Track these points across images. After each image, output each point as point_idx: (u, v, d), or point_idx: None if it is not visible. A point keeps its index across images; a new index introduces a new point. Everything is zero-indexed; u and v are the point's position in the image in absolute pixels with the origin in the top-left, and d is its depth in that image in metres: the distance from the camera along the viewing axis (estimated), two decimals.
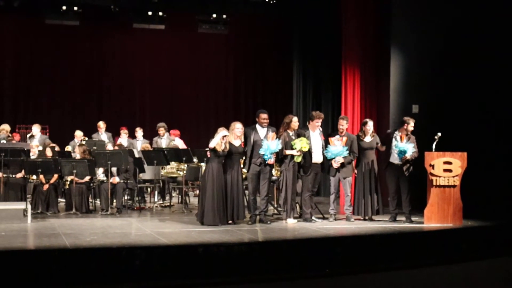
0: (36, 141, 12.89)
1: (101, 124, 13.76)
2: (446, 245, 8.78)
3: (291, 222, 9.53)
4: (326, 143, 9.99)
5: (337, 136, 9.99)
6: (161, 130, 13.25)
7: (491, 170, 11.46)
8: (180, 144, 13.41)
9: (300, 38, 15.31)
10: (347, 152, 9.96)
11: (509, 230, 9.44)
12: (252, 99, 17.85)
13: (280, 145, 9.43)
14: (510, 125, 11.82)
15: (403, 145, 9.71)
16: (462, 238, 9.01)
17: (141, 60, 17.29)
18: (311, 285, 7.41)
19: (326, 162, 9.99)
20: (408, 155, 9.72)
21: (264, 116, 9.69)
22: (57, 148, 12.74)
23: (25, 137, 13.99)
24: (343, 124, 10.15)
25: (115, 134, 14.21)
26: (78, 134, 13.49)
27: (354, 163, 10.23)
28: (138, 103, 17.54)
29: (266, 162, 9.47)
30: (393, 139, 9.87)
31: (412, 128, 9.90)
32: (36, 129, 13.38)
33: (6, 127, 12.84)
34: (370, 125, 10.17)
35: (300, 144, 9.41)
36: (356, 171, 10.19)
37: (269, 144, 9.36)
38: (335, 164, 9.94)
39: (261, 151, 9.40)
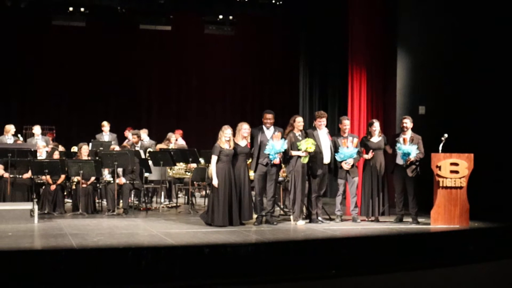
0: (39, 141, 12.90)
1: (105, 124, 13.75)
2: (453, 247, 8.75)
3: (300, 223, 9.52)
4: (335, 145, 9.96)
5: (350, 138, 9.98)
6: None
7: (498, 171, 11.42)
8: (183, 144, 13.49)
9: (306, 39, 15.32)
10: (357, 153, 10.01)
11: None
12: (259, 100, 17.88)
13: (285, 145, 9.41)
14: None
15: (407, 147, 9.71)
16: (468, 240, 8.97)
17: (148, 61, 17.35)
18: (317, 286, 7.40)
19: (334, 164, 9.98)
20: (412, 157, 9.71)
21: (268, 116, 9.65)
22: (61, 149, 12.80)
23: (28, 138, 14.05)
24: (347, 124, 10.16)
25: (121, 135, 14.24)
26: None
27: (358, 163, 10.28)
28: (144, 104, 17.60)
29: (272, 162, 9.45)
30: (397, 142, 9.86)
31: (410, 125, 9.92)
32: (37, 129, 13.42)
33: (11, 128, 12.90)
34: (376, 125, 10.17)
35: (306, 144, 9.38)
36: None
37: (274, 144, 9.34)
38: (346, 166, 9.92)
39: (266, 151, 9.39)
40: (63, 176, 10.95)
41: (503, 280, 7.89)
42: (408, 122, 9.96)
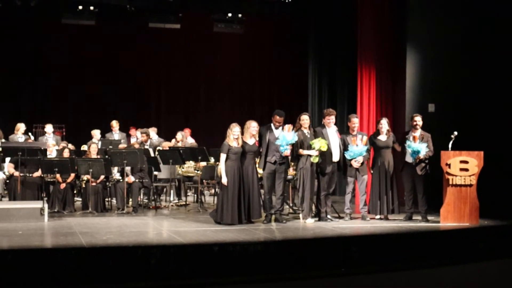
0: (51, 140, 12.98)
1: (114, 123, 13.80)
2: (463, 245, 8.73)
3: (309, 222, 9.51)
4: (344, 143, 9.94)
5: (360, 136, 9.96)
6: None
7: (508, 169, 11.38)
8: (192, 142, 13.54)
9: (315, 37, 15.28)
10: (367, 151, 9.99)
11: None
12: (267, 98, 17.88)
13: (296, 137, 9.37)
14: None
15: (416, 145, 9.68)
16: (478, 238, 8.96)
17: (157, 59, 17.37)
18: (326, 284, 7.40)
19: (344, 162, 9.96)
20: (422, 155, 9.69)
21: (277, 119, 9.55)
22: (71, 147, 12.85)
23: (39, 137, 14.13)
24: (356, 122, 10.15)
25: (129, 134, 14.32)
26: (96, 133, 13.55)
27: (369, 161, 10.24)
28: (153, 102, 17.63)
29: (283, 154, 9.41)
30: (407, 139, 9.84)
31: (420, 123, 9.90)
32: (49, 128, 13.51)
33: (22, 126, 12.96)
34: (383, 123, 10.13)
35: (319, 144, 9.36)
36: (372, 171, 10.16)
37: (285, 135, 9.31)
38: (356, 164, 9.90)
39: (278, 142, 9.33)
40: (72, 175, 10.98)
41: None
42: (419, 120, 9.93)
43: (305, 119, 9.65)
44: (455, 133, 9.68)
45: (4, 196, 11.68)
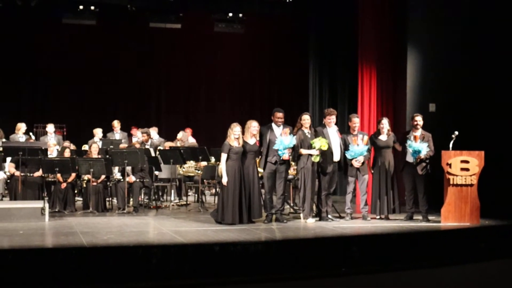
0: (52, 140, 12.98)
1: (116, 123, 13.82)
2: (463, 245, 8.72)
3: (310, 221, 9.51)
4: (345, 142, 9.95)
5: (360, 136, 9.96)
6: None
7: (508, 169, 11.37)
8: (193, 142, 13.54)
9: (316, 37, 15.28)
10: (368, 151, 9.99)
11: None
12: (268, 98, 17.88)
13: (294, 140, 9.40)
14: None
15: (417, 145, 9.67)
16: (479, 238, 8.95)
17: (157, 59, 17.38)
18: (327, 284, 7.40)
19: (344, 162, 9.96)
20: (422, 155, 9.68)
21: (279, 115, 9.63)
22: (72, 147, 12.85)
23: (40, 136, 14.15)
24: (357, 122, 10.14)
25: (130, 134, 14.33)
26: (98, 131, 13.55)
27: (369, 161, 10.24)
28: (154, 102, 17.63)
29: (281, 158, 9.42)
30: (408, 139, 9.84)
31: (420, 123, 9.89)
32: (51, 128, 13.53)
33: (22, 126, 12.98)
34: (384, 123, 10.13)
35: (320, 143, 9.37)
36: (372, 170, 10.16)
37: (283, 139, 9.32)
38: (357, 164, 9.90)
39: (275, 147, 9.36)
40: (73, 175, 10.98)
41: None
42: (420, 120, 9.93)
43: (306, 119, 9.66)
44: (456, 132, 9.68)
45: (5, 196, 11.69)
